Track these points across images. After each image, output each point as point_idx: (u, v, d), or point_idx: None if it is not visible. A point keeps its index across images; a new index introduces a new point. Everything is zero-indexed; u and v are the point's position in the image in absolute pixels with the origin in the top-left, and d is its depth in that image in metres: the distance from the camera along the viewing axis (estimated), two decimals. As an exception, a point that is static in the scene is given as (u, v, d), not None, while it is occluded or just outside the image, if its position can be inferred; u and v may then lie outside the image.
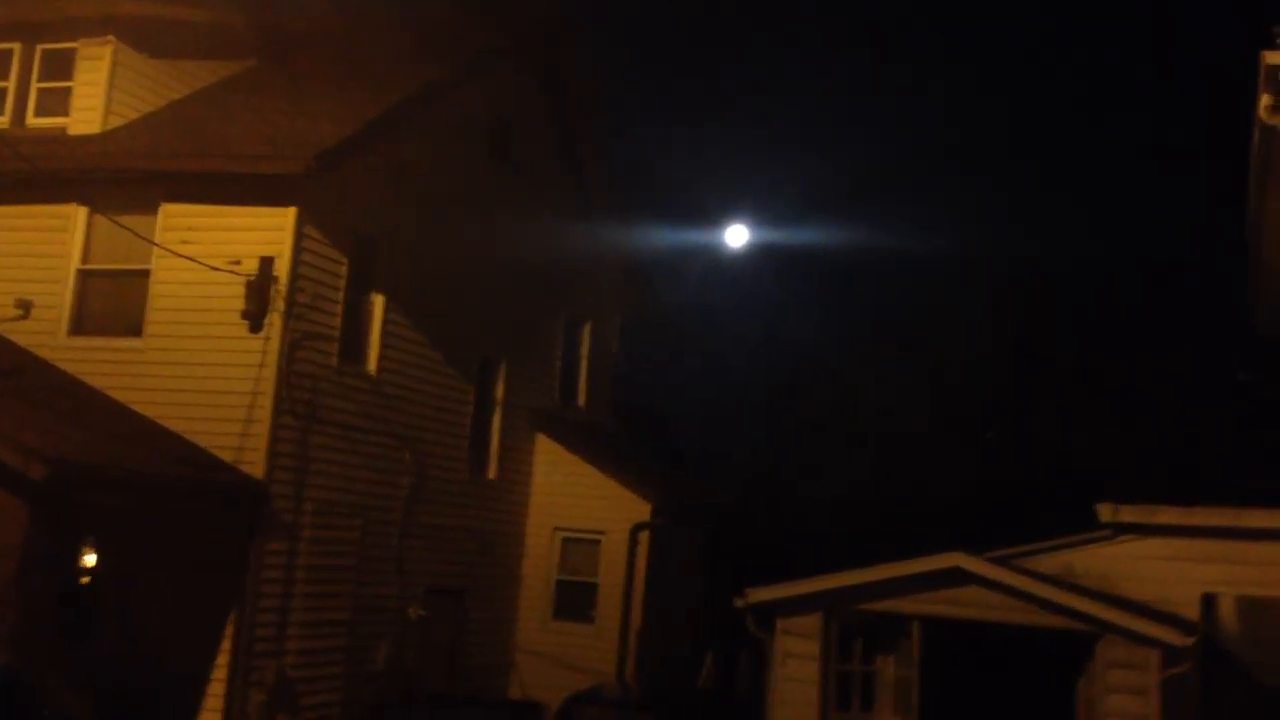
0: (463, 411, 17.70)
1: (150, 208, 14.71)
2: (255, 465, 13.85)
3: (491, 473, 18.40)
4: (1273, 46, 9.85)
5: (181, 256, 14.23)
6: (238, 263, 14.02)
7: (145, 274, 14.63)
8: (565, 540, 18.97)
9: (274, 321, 14.00)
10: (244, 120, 15.83)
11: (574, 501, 18.90)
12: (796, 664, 14.10)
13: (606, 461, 19.18)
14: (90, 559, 12.38)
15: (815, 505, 27.02)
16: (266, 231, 14.22)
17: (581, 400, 21.12)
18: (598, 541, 18.69)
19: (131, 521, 12.45)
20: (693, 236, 28.91)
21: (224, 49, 17.16)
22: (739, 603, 14.26)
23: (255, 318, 13.95)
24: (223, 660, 13.55)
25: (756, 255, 30.55)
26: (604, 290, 21.66)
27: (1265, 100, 9.97)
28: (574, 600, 18.70)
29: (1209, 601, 14.02)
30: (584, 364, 21.22)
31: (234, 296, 13.99)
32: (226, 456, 13.84)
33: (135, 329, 14.59)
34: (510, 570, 18.76)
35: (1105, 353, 27.46)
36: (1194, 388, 25.52)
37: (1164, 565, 13.88)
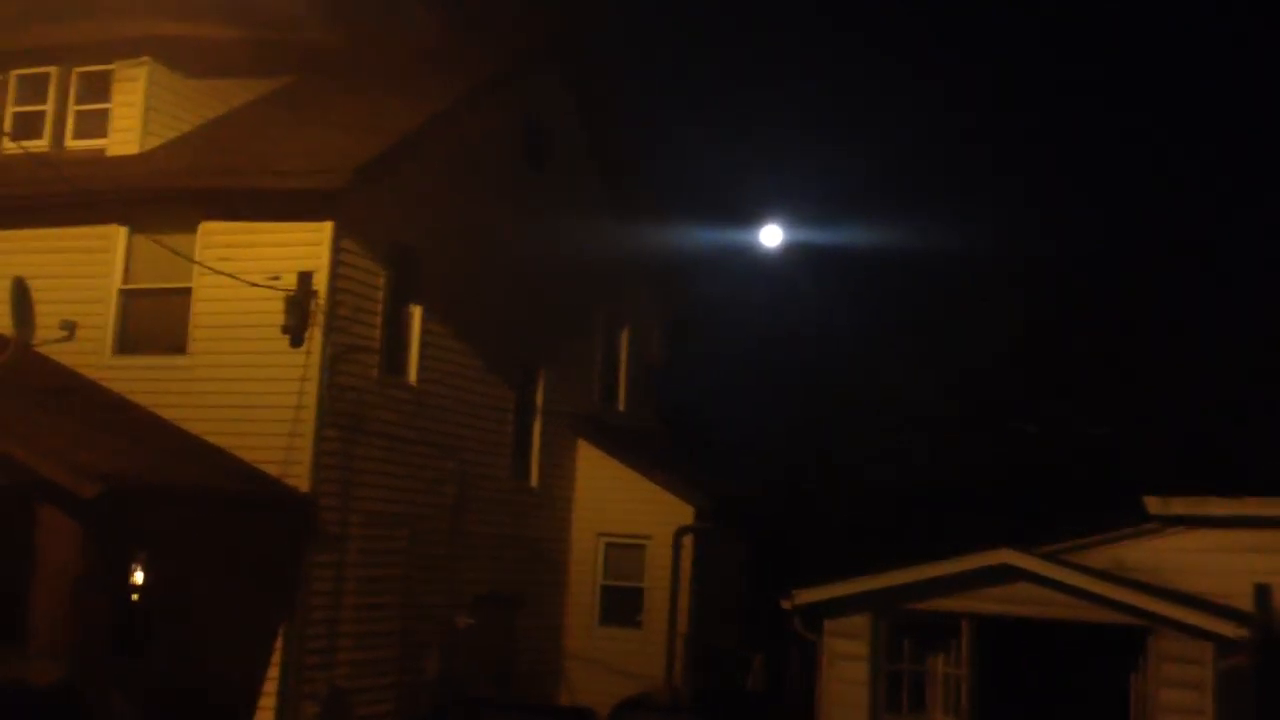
0: (504, 419, 17.74)
1: (190, 226, 14.81)
2: (301, 478, 13.94)
3: (534, 480, 18.43)
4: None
5: (222, 274, 14.33)
6: (277, 278, 14.11)
7: (187, 292, 14.73)
8: (609, 545, 18.96)
9: (314, 335, 14.08)
10: (280, 137, 15.93)
11: (617, 506, 18.90)
12: (846, 665, 14.05)
13: (648, 465, 19.17)
14: (141, 575, 12.52)
15: (858, 501, 26.92)
16: (305, 246, 14.30)
17: (622, 404, 21.12)
18: (642, 546, 18.68)
19: (182, 537, 12.56)
20: (729, 236, 28.85)
21: (258, 67, 17.26)
22: (786, 604, 14.21)
23: (296, 332, 14.04)
24: (274, 673, 13.63)
25: (792, 254, 30.46)
26: (642, 292, 21.64)
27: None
28: (620, 605, 18.70)
29: (1263, 592, 13.87)
30: (623, 367, 21.22)
31: (275, 312, 14.07)
32: (272, 470, 13.93)
33: (179, 346, 14.70)
34: (556, 577, 18.78)
35: (1146, 341, 27.23)
36: (1237, 374, 25.27)
37: (1215, 557, 13.75)
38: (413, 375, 15.85)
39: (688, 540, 18.42)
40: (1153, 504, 13.97)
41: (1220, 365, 25.75)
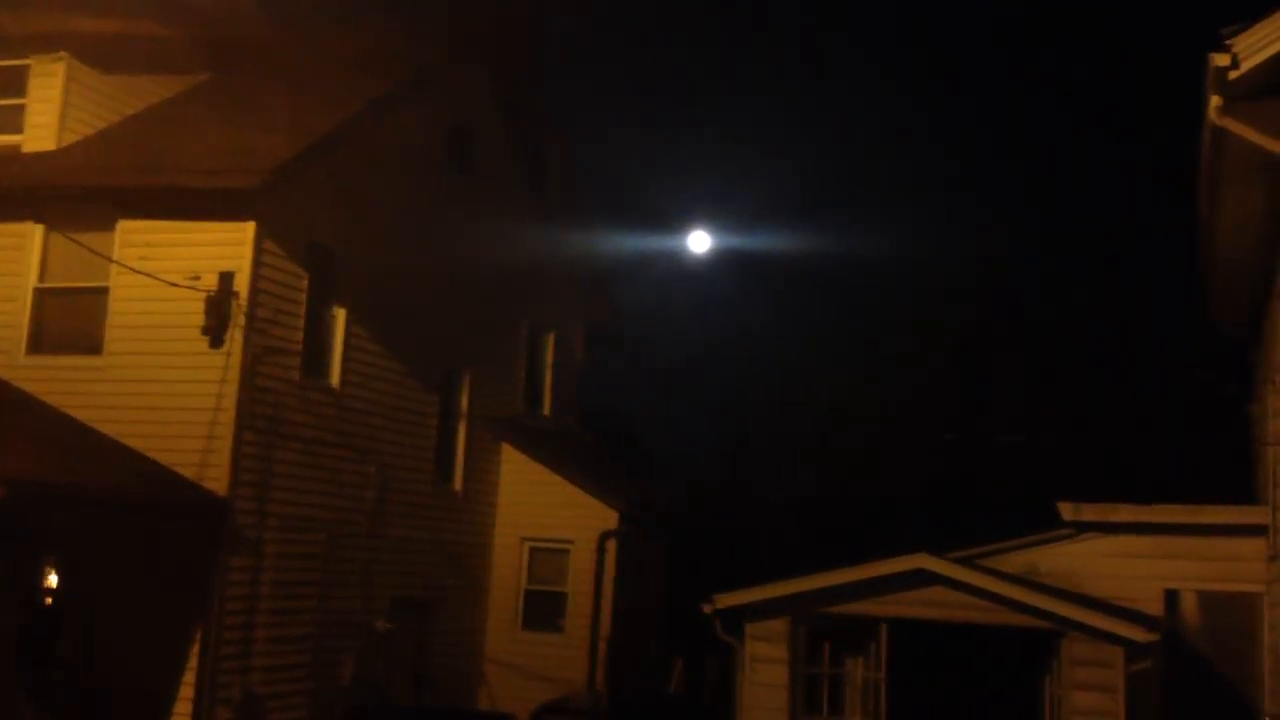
0: (427, 423, 17.65)
1: (107, 225, 14.60)
2: (218, 481, 13.77)
3: (457, 484, 18.36)
4: (1220, 49, 9.95)
5: (140, 273, 14.14)
6: (197, 278, 13.95)
7: (104, 291, 14.52)
8: (533, 550, 18.94)
9: (234, 336, 13.93)
10: (199, 135, 15.74)
11: (541, 511, 18.87)
12: (765, 668, 14.13)
13: (572, 470, 19.17)
14: (52, 579, 12.32)
15: (779, 507, 27.12)
16: (225, 246, 14.15)
17: (546, 408, 21.11)
18: (565, 550, 18.67)
19: (93, 541, 12.37)
20: (656, 242, 28.97)
21: (177, 65, 17.06)
22: (707, 608, 14.27)
23: (215, 333, 13.89)
24: (189, 678, 13.44)
25: (719, 260, 30.66)
26: (567, 297, 21.65)
27: (1214, 101, 10.05)
28: (543, 609, 18.67)
29: (1171, 597, 14.19)
30: (548, 372, 21.19)
31: (194, 312, 13.92)
32: (189, 473, 13.76)
33: (95, 347, 14.47)
34: (478, 581, 18.71)
35: (1062, 352, 27.74)
36: (1150, 386, 25.82)
37: (1126, 562, 14.03)
38: (335, 378, 15.73)
39: (611, 544, 18.43)
40: (1065, 510, 14.22)
41: (1142, 376, 26.32)
